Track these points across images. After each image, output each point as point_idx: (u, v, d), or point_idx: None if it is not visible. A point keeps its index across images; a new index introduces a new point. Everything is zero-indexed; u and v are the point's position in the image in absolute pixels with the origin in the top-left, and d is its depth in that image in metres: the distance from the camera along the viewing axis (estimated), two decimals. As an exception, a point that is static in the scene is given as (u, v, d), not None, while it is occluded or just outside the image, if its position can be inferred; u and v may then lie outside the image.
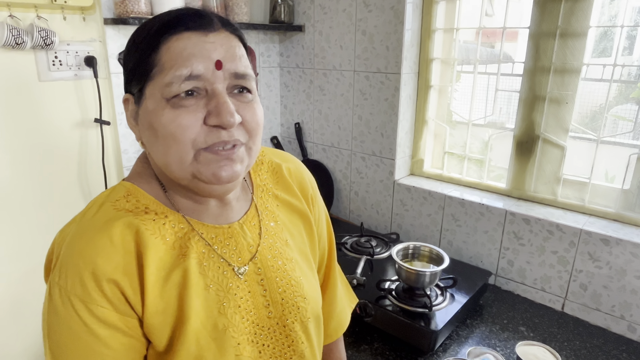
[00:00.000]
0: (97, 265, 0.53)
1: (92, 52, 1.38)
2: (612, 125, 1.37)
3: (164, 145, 0.56)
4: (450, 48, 1.62)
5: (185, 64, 0.54)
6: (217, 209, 0.64)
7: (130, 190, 0.61)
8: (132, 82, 0.59)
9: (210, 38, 0.56)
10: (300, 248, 0.73)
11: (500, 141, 1.55)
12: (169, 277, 0.57)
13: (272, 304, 0.65)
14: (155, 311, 0.56)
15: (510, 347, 1.18)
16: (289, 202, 0.74)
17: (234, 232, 0.64)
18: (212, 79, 0.55)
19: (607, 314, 1.27)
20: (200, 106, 0.55)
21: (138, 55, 0.57)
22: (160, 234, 0.58)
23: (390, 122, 1.65)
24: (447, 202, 1.56)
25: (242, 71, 0.57)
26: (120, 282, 0.54)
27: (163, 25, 0.56)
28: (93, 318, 0.54)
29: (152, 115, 0.56)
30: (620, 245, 1.22)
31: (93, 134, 1.44)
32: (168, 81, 0.54)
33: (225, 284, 0.61)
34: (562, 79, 1.34)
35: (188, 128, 0.54)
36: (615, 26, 1.28)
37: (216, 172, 0.56)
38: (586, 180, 1.37)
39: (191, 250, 0.60)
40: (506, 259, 1.45)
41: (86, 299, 0.53)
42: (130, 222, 0.57)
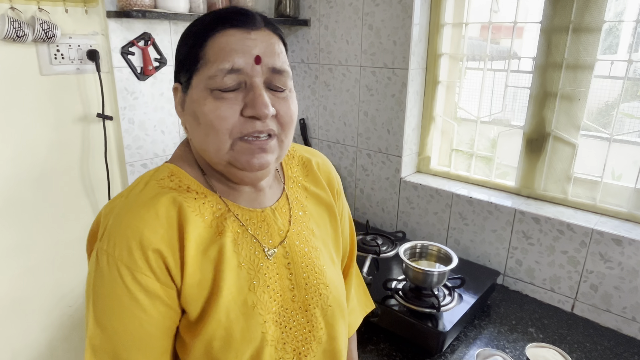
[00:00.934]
0: (143, 235, 0.57)
1: (95, 46, 1.36)
2: (619, 124, 1.35)
3: (204, 133, 0.60)
4: (458, 43, 1.59)
5: (228, 59, 0.58)
6: (251, 194, 0.69)
7: (174, 171, 0.65)
8: (181, 72, 0.64)
9: (252, 35, 0.60)
10: (324, 239, 0.76)
11: (508, 139, 1.52)
12: (206, 252, 0.61)
13: (296, 288, 0.68)
14: (192, 283, 0.60)
15: (520, 349, 1.16)
16: (316, 195, 0.78)
17: (267, 216, 0.69)
18: (251, 73, 0.59)
19: (619, 316, 1.24)
20: (239, 99, 0.59)
21: (187, 49, 0.62)
22: (200, 212, 0.63)
23: (397, 118, 1.62)
24: (455, 201, 1.53)
25: (279, 66, 0.61)
26: (164, 252, 0.58)
27: (211, 22, 0.61)
28: (137, 285, 0.57)
29: (196, 104, 0.60)
30: (633, 245, 1.19)
31: (95, 129, 1.42)
32: (212, 74, 0.59)
33: (257, 264, 0.65)
34: (575, 75, 1.31)
35: (226, 119, 0.59)
36: (629, 21, 1.25)
37: (250, 160, 0.60)
38: (598, 179, 1.34)
39: (227, 229, 0.64)
40: (515, 259, 1.43)
41: (132, 266, 0.57)
42: (174, 198, 0.61)
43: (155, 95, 1.52)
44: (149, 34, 1.45)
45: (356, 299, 0.92)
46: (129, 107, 1.47)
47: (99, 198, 1.47)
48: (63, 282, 1.45)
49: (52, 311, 1.44)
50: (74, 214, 1.43)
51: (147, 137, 1.54)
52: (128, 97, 1.46)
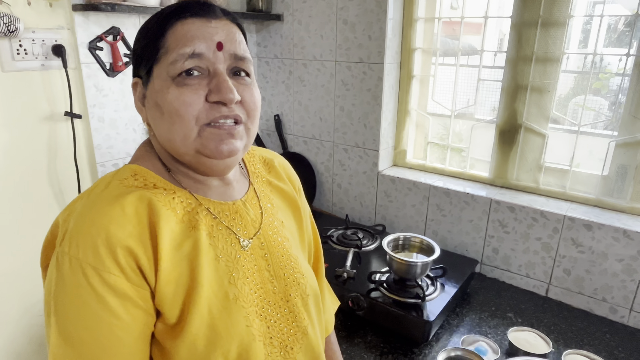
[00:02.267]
0: (110, 232, 0.54)
1: (60, 41, 1.29)
2: (573, 115, 1.41)
3: (169, 122, 0.59)
4: (431, 38, 1.62)
5: (189, 44, 0.58)
6: (220, 187, 0.68)
7: (137, 170, 0.63)
8: (140, 65, 0.62)
9: (212, 24, 0.60)
10: (291, 231, 0.76)
11: (481, 131, 1.56)
12: (181, 247, 0.59)
13: (275, 279, 0.67)
14: (168, 280, 0.57)
15: (501, 334, 1.19)
16: (280, 188, 0.78)
17: (238, 208, 0.67)
18: (214, 59, 0.59)
19: (590, 297, 1.31)
20: (203, 85, 0.59)
21: (146, 41, 0.61)
22: (171, 207, 0.60)
23: (374, 112, 1.63)
24: (432, 192, 1.56)
25: (241, 54, 0.62)
26: (134, 249, 0.55)
27: (171, 12, 0.61)
28: (105, 286, 0.53)
29: (159, 94, 0.59)
30: (602, 230, 1.25)
31: (63, 128, 1.35)
32: (173, 59, 0.58)
33: (234, 255, 0.63)
34: (544, 67, 1.36)
35: (191, 105, 0.57)
36: (594, 16, 1.31)
37: (218, 146, 0.59)
38: (567, 167, 1.40)
39: (200, 222, 0.62)
40: (491, 247, 1.47)
41: (99, 266, 0.53)
42: (142, 194, 0.59)
43: (126, 92, 1.47)
44: (117, 28, 1.39)
45: (328, 299, 0.92)
46: (99, 105, 1.41)
47: (69, 199, 1.41)
48: (32, 290, 1.37)
49: (20, 320, 1.37)
50: (42, 218, 1.35)
51: (118, 136, 1.48)
52: (97, 95, 1.40)
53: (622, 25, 1.33)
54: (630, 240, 1.21)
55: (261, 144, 2.00)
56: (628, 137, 1.27)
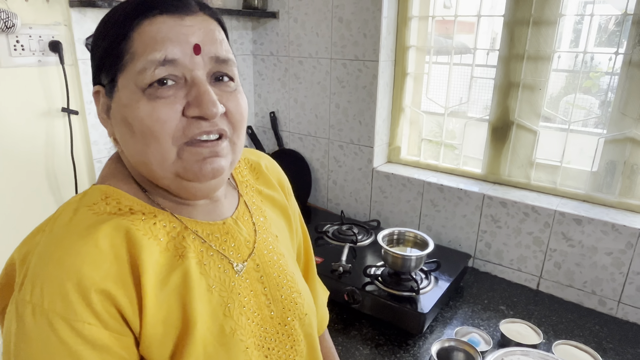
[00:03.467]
0: (82, 274, 0.46)
1: (57, 37, 1.29)
2: (564, 112, 1.44)
3: (142, 143, 0.50)
4: (425, 36, 1.64)
5: (159, 48, 0.49)
6: (207, 206, 0.60)
7: (107, 192, 0.54)
8: (102, 72, 0.53)
9: (187, 21, 0.51)
10: (286, 244, 0.71)
11: (474, 128, 1.59)
12: (168, 282, 0.52)
13: (273, 302, 0.61)
14: (156, 322, 0.50)
15: (493, 326, 1.22)
16: (271, 197, 0.72)
17: (230, 228, 0.60)
18: (191, 66, 0.50)
19: (580, 290, 1.34)
20: (180, 97, 0.50)
21: (108, 42, 0.52)
22: (153, 234, 0.53)
23: (369, 109, 1.65)
24: (426, 188, 1.58)
25: (223, 55, 0.53)
26: (112, 292, 0.47)
27: (135, 8, 0.51)
28: (77, 338, 0.45)
29: (127, 108, 0.50)
30: (592, 224, 1.28)
31: (60, 125, 1.35)
32: (141, 67, 0.49)
33: (228, 284, 0.57)
34: (536, 65, 1.39)
35: (166, 122, 0.49)
36: (585, 15, 1.34)
37: (201, 167, 0.52)
38: (557, 163, 1.43)
39: (188, 249, 0.54)
40: (484, 242, 1.50)
41: (69, 315, 0.45)
42: (117, 223, 0.50)
43: (123, 88, 1.47)
44: (114, 24, 1.40)
45: (322, 292, 0.89)
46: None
47: (66, 196, 1.41)
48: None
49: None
50: (39, 215, 1.35)
51: (115, 132, 1.49)
52: (94, 91, 1.40)
53: (613, 25, 1.36)
54: (619, 234, 1.24)
55: (257, 141, 2.01)
56: (617, 133, 1.30)
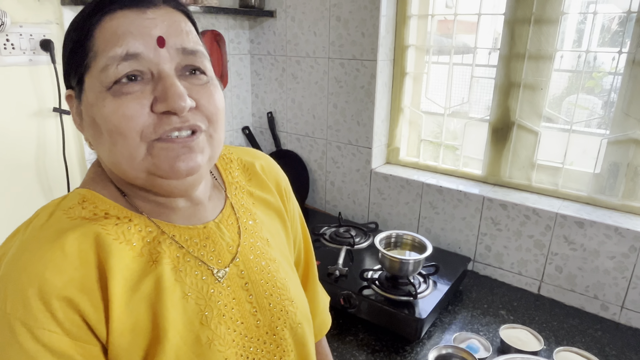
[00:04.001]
0: (45, 280, 0.45)
1: (49, 35, 1.27)
2: (566, 113, 1.41)
3: (110, 142, 0.49)
4: (424, 35, 1.61)
5: (120, 43, 0.48)
6: (187, 209, 0.58)
7: (86, 196, 0.53)
8: (70, 74, 0.52)
9: (149, 14, 0.50)
10: (280, 248, 0.68)
11: (474, 128, 1.56)
12: (138, 288, 0.50)
13: (259, 311, 0.59)
14: (123, 330, 0.48)
15: (493, 331, 1.19)
16: (264, 200, 0.69)
17: (211, 233, 0.58)
18: (156, 59, 0.49)
19: (582, 295, 1.31)
20: (147, 92, 0.49)
21: (72, 43, 0.51)
22: (126, 239, 0.51)
23: (367, 110, 1.63)
24: (425, 190, 1.55)
25: (191, 47, 0.51)
26: (74, 299, 0.46)
27: (96, 5, 0.50)
28: (38, 345, 0.44)
29: (94, 108, 0.49)
30: (594, 227, 1.25)
31: (52, 124, 1.33)
32: (103, 65, 0.48)
33: (206, 291, 0.54)
34: (537, 65, 1.36)
35: (133, 118, 0.48)
36: (588, 13, 1.31)
37: (173, 163, 0.50)
38: (559, 165, 1.40)
39: (163, 255, 0.53)
40: (484, 245, 1.47)
41: (30, 321, 0.44)
42: (88, 229, 0.49)
43: (116, 88, 1.45)
44: (107, 23, 1.38)
45: (323, 297, 0.86)
46: (88, 101, 1.39)
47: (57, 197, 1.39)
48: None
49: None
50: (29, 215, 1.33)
51: (109, 133, 1.46)
52: (87, 91, 1.38)
53: (616, 25, 1.33)
54: (622, 238, 1.21)
55: (254, 141, 1.99)
56: (620, 134, 1.27)
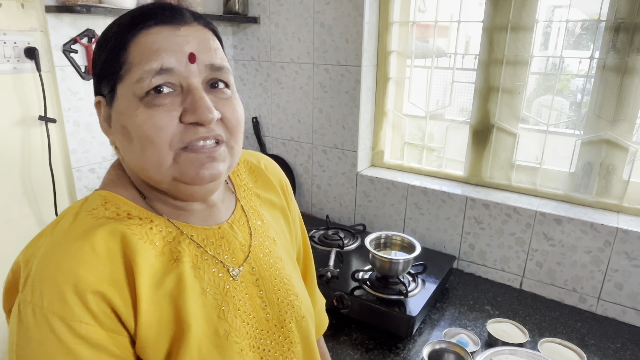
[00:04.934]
0: (79, 277, 0.48)
1: (33, 43, 1.26)
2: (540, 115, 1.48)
3: (140, 149, 0.53)
4: (406, 41, 1.66)
5: (155, 58, 0.51)
6: (203, 211, 0.62)
7: (107, 197, 0.56)
8: (102, 82, 0.55)
9: (182, 31, 0.53)
10: (285, 247, 0.72)
11: (456, 131, 1.61)
12: (162, 284, 0.54)
13: (269, 305, 0.63)
14: (150, 323, 0.52)
15: (480, 326, 1.24)
16: (270, 200, 0.73)
17: (225, 233, 0.62)
18: (186, 74, 0.53)
19: (561, 288, 1.37)
20: (176, 104, 0.52)
21: (107, 54, 0.54)
22: (149, 239, 0.55)
23: (352, 114, 1.66)
24: (410, 192, 1.60)
25: (218, 63, 0.55)
26: (107, 293, 0.49)
27: (132, 20, 0.54)
28: (74, 337, 0.47)
29: (125, 116, 0.53)
30: (571, 223, 1.32)
31: (37, 133, 1.31)
32: (138, 77, 0.51)
33: (222, 287, 0.58)
34: (514, 70, 1.43)
35: (163, 128, 0.51)
36: (561, 21, 1.38)
37: (199, 171, 0.53)
38: (537, 165, 1.47)
39: (183, 254, 0.56)
40: (468, 243, 1.52)
41: (67, 315, 0.47)
42: (114, 228, 0.53)
43: (102, 95, 1.44)
44: (92, 30, 1.37)
45: (320, 298, 0.90)
46: (74, 109, 1.38)
47: (44, 207, 1.37)
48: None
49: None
50: (16, 226, 1.31)
51: (94, 140, 1.45)
52: (72, 98, 1.36)
53: (580, 29, 1.41)
54: (597, 233, 1.28)
55: (239, 146, 1.99)
56: (593, 135, 1.35)
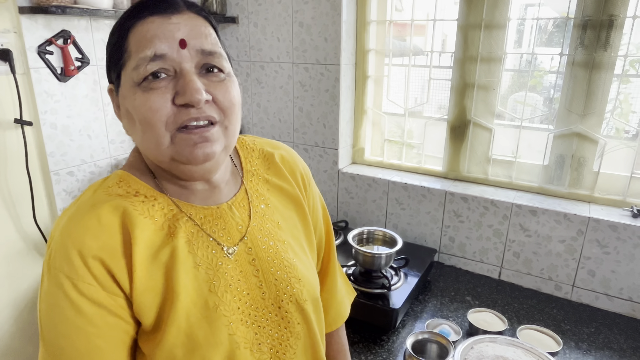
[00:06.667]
0: (84, 243, 0.55)
1: (7, 45, 1.23)
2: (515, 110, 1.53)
3: (141, 130, 0.58)
4: (383, 40, 1.69)
5: (149, 45, 0.56)
6: (205, 192, 0.66)
7: (123, 177, 0.63)
8: (110, 71, 0.61)
9: (173, 20, 0.58)
10: (292, 232, 0.73)
11: (434, 127, 1.65)
12: (157, 256, 0.59)
13: (265, 284, 0.65)
14: (144, 289, 0.57)
15: (461, 316, 1.28)
16: (280, 187, 0.75)
17: (222, 213, 0.66)
18: (179, 59, 0.56)
19: (538, 277, 1.42)
20: (170, 88, 0.56)
21: (111, 45, 0.60)
22: (150, 214, 0.60)
23: (332, 112, 1.68)
24: (391, 187, 1.63)
25: (209, 48, 0.58)
26: (106, 260, 0.55)
27: (130, 13, 0.59)
28: (79, 295, 0.54)
29: (127, 101, 0.58)
30: (546, 214, 1.36)
31: (13, 136, 1.29)
32: (135, 64, 0.56)
33: (215, 263, 0.62)
34: (489, 67, 1.47)
35: (158, 110, 0.56)
36: (532, 19, 1.43)
37: (192, 151, 0.57)
38: (512, 159, 1.52)
39: (179, 230, 0.61)
40: (448, 236, 1.56)
41: (72, 275, 0.54)
42: (117, 204, 0.59)
43: (79, 97, 1.42)
44: (68, 31, 1.35)
45: (344, 290, 0.91)
46: (50, 111, 1.36)
47: (21, 211, 1.34)
48: (-16, 308, 1.30)
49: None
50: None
51: (72, 143, 1.43)
52: (49, 100, 1.34)
53: (552, 26, 1.46)
54: (570, 223, 1.33)
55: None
56: (564, 129, 1.40)
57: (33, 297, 1.42)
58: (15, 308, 1.38)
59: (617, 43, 1.27)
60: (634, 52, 1.30)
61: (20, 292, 1.39)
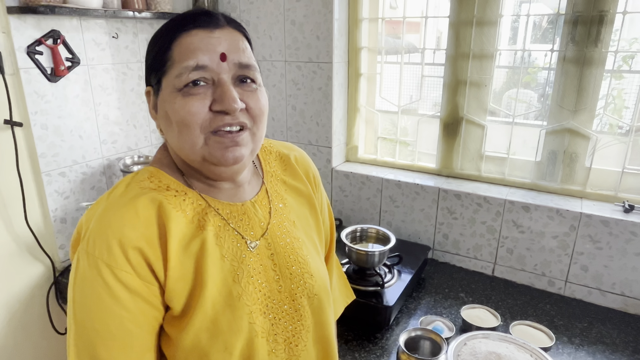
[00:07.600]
0: (123, 234, 0.59)
1: (-5, 45, 1.23)
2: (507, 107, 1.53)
3: (177, 131, 0.63)
4: (376, 37, 1.68)
5: (192, 57, 0.61)
6: (230, 190, 0.71)
7: (153, 172, 0.68)
8: (151, 75, 0.66)
9: (215, 34, 0.63)
10: (305, 230, 0.78)
11: (427, 125, 1.65)
12: (188, 247, 0.63)
13: (281, 278, 0.70)
14: (177, 277, 0.62)
15: (455, 313, 1.28)
16: (295, 187, 0.80)
17: (247, 209, 0.71)
18: (218, 70, 0.62)
19: (531, 273, 1.43)
20: (208, 95, 0.62)
21: (155, 52, 0.65)
22: (181, 208, 0.65)
23: (325, 110, 1.68)
24: (385, 185, 1.63)
25: (245, 62, 0.64)
26: (144, 249, 0.60)
27: (175, 24, 0.64)
28: (116, 281, 0.59)
29: (167, 104, 0.63)
30: (538, 210, 1.37)
31: (3, 138, 1.28)
32: (178, 73, 0.61)
33: (239, 255, 0.67)
34: (481, 63, 1.47)
35: (196, 114, 0.61)
36: (524, 15, 1.43)
37: (224, 154, 0.63)
38: (505, 155, 1.52)
39: (208, 223, 0.66)
40: (442, 233, 1.56)
41: (112, 263, 0.58)
42: (154, 197, 0.63)
43: (70, 97, 1.42)
44: (58, 31, 1.34)
45: (338, 290, 0.94)
46: (41, 112, 1.35)
47: (13, 212, 1.34)
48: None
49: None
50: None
51: (64, 144, 1.43)
52: (39, 101, 1.34)
53: (546, 23, 1.46)
54: (563, 218, 1.33)
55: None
56: (556, 125, 1.40)
57: (26, 298, 1.42)
58: (8, 310, 1.38)
59: (608, 39, 1.27)
60: (625, 48, 1.30)
61: (13, 294, 1.38)
